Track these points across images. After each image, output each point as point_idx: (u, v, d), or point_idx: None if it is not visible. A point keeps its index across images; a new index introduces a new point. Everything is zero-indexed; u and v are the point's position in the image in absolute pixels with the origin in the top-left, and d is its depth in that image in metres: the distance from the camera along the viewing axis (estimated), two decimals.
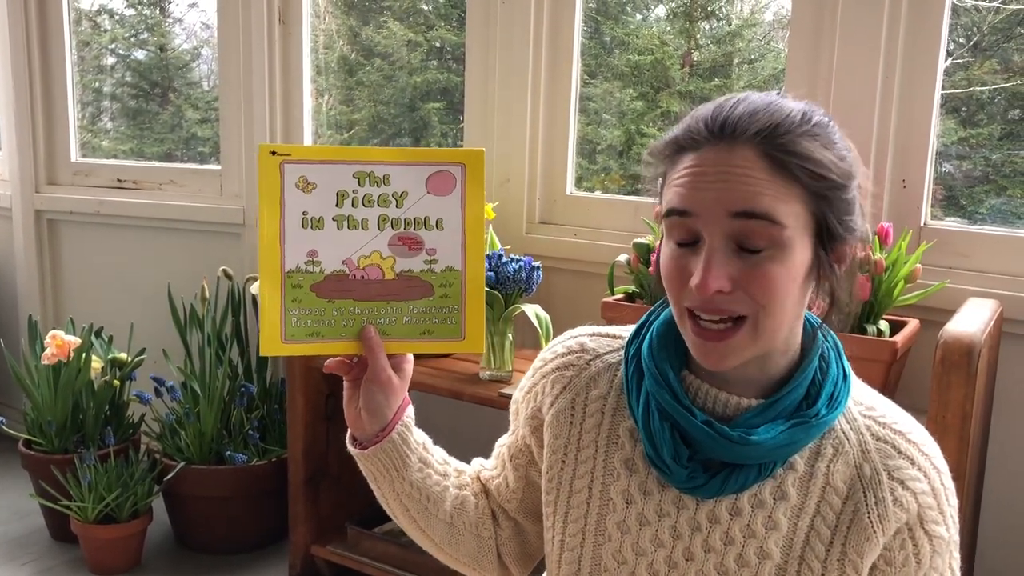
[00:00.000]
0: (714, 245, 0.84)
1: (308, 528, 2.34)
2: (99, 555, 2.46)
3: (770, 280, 0.84)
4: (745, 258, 0.84)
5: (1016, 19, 2.10)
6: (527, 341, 2.31)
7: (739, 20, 2.59)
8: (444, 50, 3.01)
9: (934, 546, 0.91)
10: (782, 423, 0.90)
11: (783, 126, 0.85)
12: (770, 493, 0.91)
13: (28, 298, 3.19)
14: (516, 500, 1.11)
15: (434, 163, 1.00)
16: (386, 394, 1.00)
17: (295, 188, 0.97)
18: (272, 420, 2.62)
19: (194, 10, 3.32)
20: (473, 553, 1.12)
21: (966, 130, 2.16)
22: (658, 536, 0.94)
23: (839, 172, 0.86)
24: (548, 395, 1.03)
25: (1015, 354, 1.82)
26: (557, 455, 1.01)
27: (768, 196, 0.83)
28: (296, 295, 0.97)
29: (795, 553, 0.91)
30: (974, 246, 1.87)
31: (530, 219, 2.38)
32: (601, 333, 1.05)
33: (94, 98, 3.45)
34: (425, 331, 1.01)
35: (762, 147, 0.84)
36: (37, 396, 2.60)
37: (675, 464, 0.91)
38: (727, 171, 0.84)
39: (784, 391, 0.91)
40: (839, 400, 0.92)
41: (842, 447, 0.92)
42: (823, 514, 0.91)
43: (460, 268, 1.00)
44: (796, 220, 0.85)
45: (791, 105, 0.88)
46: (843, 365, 0.95)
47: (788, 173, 0.84)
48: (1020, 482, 1.87)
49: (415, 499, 1.06)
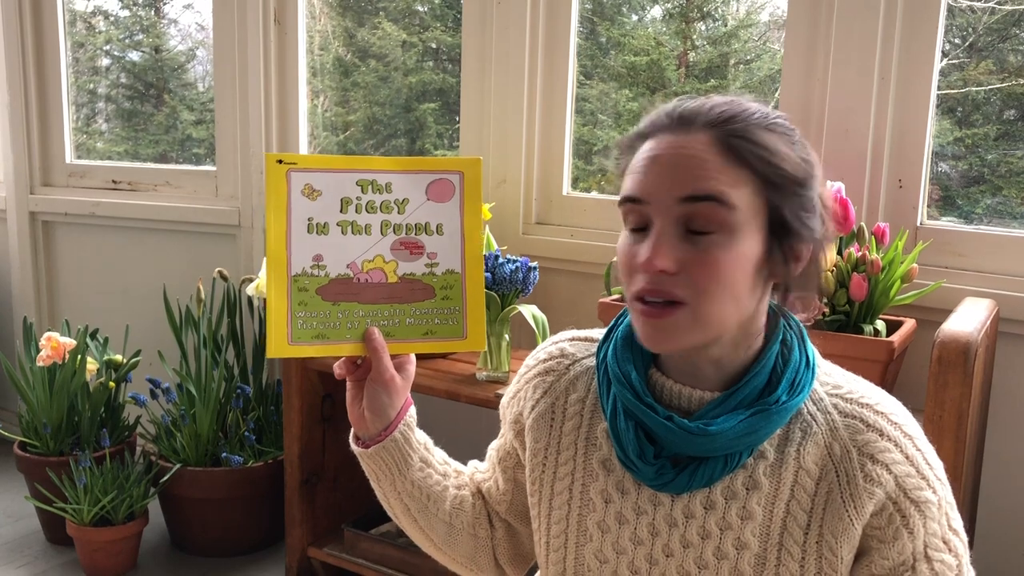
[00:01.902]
0: (662, 227, 0.86)
1: (304, 530, 2.34)
2: (95, 557, 2.45)
3: (714, 264, 0.85)
4: (694, 241, 0.85)
5: (1011, 20, 2.10)
6: (524, 342, 2.31)
7: (735, 21, 2.59)
8: (440, 51, 3.01)
9: (924, 512, 0.90)
10: (742, 412, 0.90)
11: (740, 116, 0.87)
12: (742, 484, 0.92)
13: (23, 300, 3.18)
14: (506, 502, 1.13)
15: (434, 171, 1.04)
16: (389, 394, 1.02)
17: (301, 195, 1.01)
18: (268, 422, 2.62)
19: (189, 11, 3.32)
20: (470, 553, 1.13)
21: (962, 130, 2.17)
22: (636, 534, 0.95)
23: (795, 167, 0.87)
24: (530, 399, 1.05)
25: (1011, 353, 1.83)
26: (538, 458, 1.03)
27: (717, 179, 0.85)
28: (302, 298, 1.00)
29: (773, 541, 0.91)
30: (970, 246, 1.88)
31: (526, 220, 2.38)
32: (581, 337, 1.07)
33: (89, 99, 3.45)
34: (428, 332, 1.04)
35: (716, 133, 0.86)
36: (32, 398, 2.59)
37: (641, 462, 0.92)
38: (679, 154, 0.86)
39: (743, 381, 0.92)
40: (801, 386, 0.91)
41: (810, 429, 0.92)
42: (798, 498, 0.91)
43: (460, 271, 1.04)
44: (747, 205, 0.85)
45: (757, 106, 0.90)
46: (807, 351, 0.94)
47: (741, 158, 0.85)
48: (1016, 481, 1.88)
49: (416, 498, 1.08)
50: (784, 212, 0.87)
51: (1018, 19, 2.10)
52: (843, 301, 1.67)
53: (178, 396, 2.56)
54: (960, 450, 1.42)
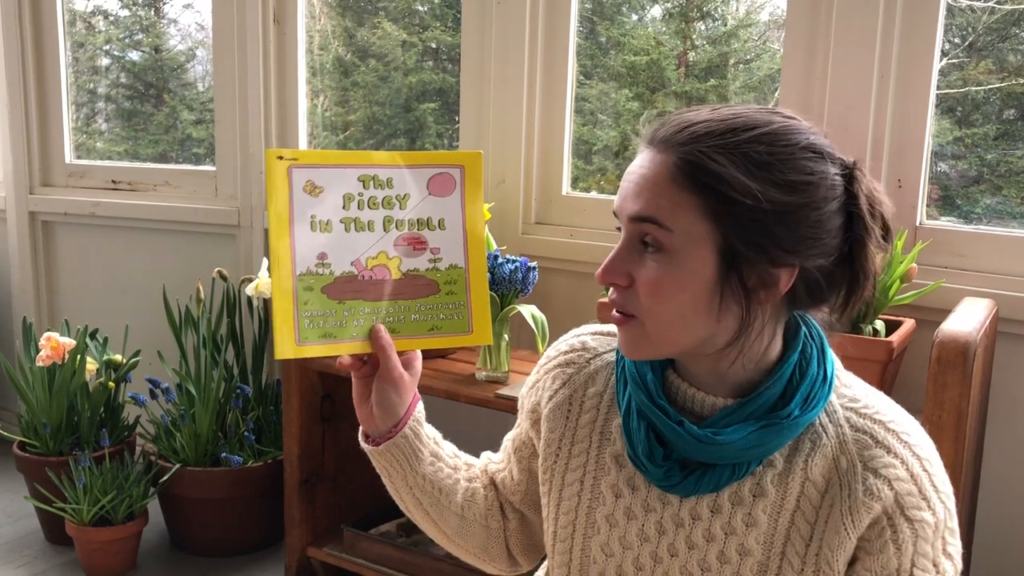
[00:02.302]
0: (623, 242, 0.91)
1: (304, 530, 2.34)
2: (94, 557, 2.45)
3: (653, 283, 0.88)
4: (644, 259, 0.89)
5: (1011, 19, 2.10)
6: (523, 342, 2.31)
7: (735, 20, 2.59)
8: (439, 51, 3.01)
9: (916, 531, 0.88)
10: (752, 424, 0.90)
11: (702, 139, 0.87)
12: (749, 490, 0.92)
13: (22, 300, 3.18)
14: (520, 492, 1.13)
15: (434, 166, 1.04)
16: (397, 391, 1.02)
17: (303, 192, 0.99)
18: (268, 422, 2.62)
19: (189, 11, 3.32)
20: (483, 544, 1.14)
21: (961, 130, 2.17)
22: (643, 530, 0.96)
23: (755, 196, 0.84)
24: (548, 390, 1.06)
25: (1011, 353, 1.83)
26: (552, 447, 1.04)
27: (660, 202, 0.87)
28: (308, 298, 0.99)
29: (776, 549, 0.91)
30: (970, 246, 1.88)
31: (526, 220, 2.38)
32: (603, 332, 1.08)
33: (88, 99, 3.45)
34: (433, 327, 1.03)
35: (677, 155, 0.87)
36: (32, 398, 2.59)
37: (650, 463, 0.93)
38: (641, 174, 0.89)
39: (757, 392, 0.91)
40: (816, 401, 0.91)
41: (819, 440, 0.91)
42: (803, 509, 0.91)
43: (463, 265, 1.04)
44: (688, 230, 0.86)
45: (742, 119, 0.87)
46: (825, 365, 0.93)
47: (689, 184, 0.86)
48: (1016, 480, 1.87)
49: (428, 492, 1.08)
50: (736, 241, 0.85)
51: (1018, 19, 2.10)
52: None
53: (178, 396, 2.56)
54: (959, 450, 1.42)
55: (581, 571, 1.01)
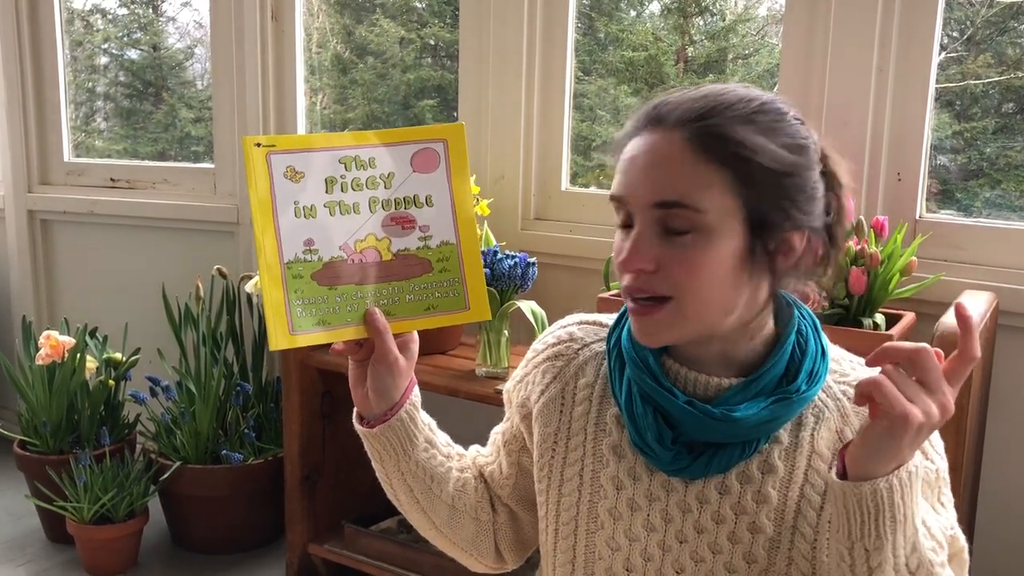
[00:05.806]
0: (641, 227, 0.89)
1: (305, 527, 2.34)
2: (95, 556, 2.45)
3: (691, 264, 0.86)
4: (671, 240, 0.87)
5: (1009, 13, 2.10)
6: (523, 337, 2.30)
7: (733, 15, 2.59)
8: (438, 47, 3.01)
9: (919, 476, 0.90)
10: (763, 400, 0.91)
11: (714, 111, 0.87)
12: (757, 468, 0.92)
13: (22, 298, 3.18)
14: (509, 486, 1.12)
15: (416, 141, 1.01)
16: (394, 375, 1.00)
17: (284, 178, 0.97)
18: (268, 419, 2.62)
19: (187, 9, 3.32)
20: (471, 537, 1.12)
21: (960, 124, 2.17)
22: (649, 521, 0.95)
23: (776, 159, 0.87)
24: (538, 384, 1.05)
25: (1011, 346, 1.83)
26: (547, 443, 1.02)
27: (687, 182, 0.86)
28: (298, 286, 0.97)
29: (787, 524, 0.92)
30: (969, 239, 1.88)
31: (525, 215, 2.38)
32: (589, 321, 1.07)
33: (87, 98, 3.44)
34: (429, 307, 1.02)
35: (689, 130, 0.86)
36: (32, 397, 2.59)
37: (659, 447, 0.93)
38: (652, 156, 0.88)
39: (763, 369, 0.92)
40: (819, 376, 0.93)
41: (822, 414, 0.93)
42: (811, 481, 0.92)
43: (455, 241, 1.02)
44: (718, 206, 0.86)
45: (737, 93, 0.89)
46: (821, 342, 0.96)
47: (711, 158, 0.86)
48: (1017, 474, 1.87)
49: (419, 479, 1.06)
50: (762, 207, 0.87)
51: (1016, 12, 2.10)
52: (842, 295, 1.66)
53: (178, 394, 2.56)
54: (960, 444, 1.42)
55: (586, 569, 1.00)
